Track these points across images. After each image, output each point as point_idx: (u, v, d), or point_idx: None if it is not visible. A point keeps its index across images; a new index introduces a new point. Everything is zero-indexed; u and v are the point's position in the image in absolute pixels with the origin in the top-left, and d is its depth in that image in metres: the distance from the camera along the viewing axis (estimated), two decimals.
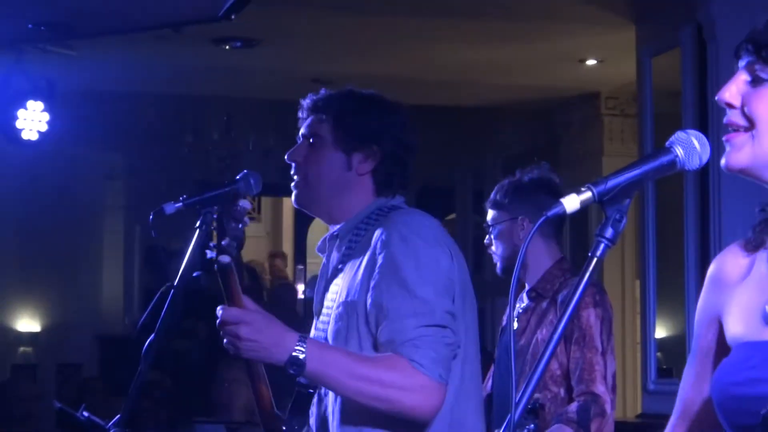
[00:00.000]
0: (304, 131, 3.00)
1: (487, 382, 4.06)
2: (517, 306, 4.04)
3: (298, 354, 2.65)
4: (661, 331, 7.65)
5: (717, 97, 1.96)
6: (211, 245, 2.72)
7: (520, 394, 1.80)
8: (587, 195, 1.83)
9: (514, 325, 3.98)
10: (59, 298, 11.67)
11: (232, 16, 7.11)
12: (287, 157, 3.00)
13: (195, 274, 2.70)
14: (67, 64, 8.39)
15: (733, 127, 1.95)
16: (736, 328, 1.97)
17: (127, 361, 3.54)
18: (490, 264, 4.15)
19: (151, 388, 8.74)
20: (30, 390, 10.60)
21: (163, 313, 2.80)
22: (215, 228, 2.73)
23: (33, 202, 11.09)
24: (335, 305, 2.86)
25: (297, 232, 14.57)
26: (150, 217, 2.78)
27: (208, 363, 9.42)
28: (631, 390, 9.15)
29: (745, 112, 1.94)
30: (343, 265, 2.91)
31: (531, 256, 3.99)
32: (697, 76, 6.70)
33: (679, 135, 1.89)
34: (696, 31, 6.69)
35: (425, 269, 2.74)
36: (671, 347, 7.65)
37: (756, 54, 1.93)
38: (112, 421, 2.83)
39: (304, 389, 2.85)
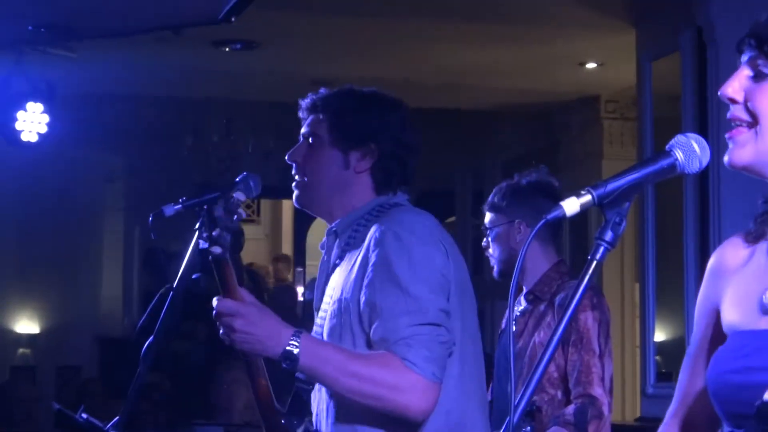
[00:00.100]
0: (303, 131, 3.00)
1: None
2: (515, 309, 4.04)
3: (292, 348, 2.65)
4: (660, 335, 7.65)
5: (720, 93, 1.96)
6: (204, 236, 2.70)
7: (518, 397, 1.80)
8: (587, 198, 1.83)
9: (513, 328, 3.98)
10: (59, 299, 11.67)
11: (232, 19, 7.12)
12: (287, 157, 3.00)
13: (194, 276, 2.70)
14: (67, 66, 8.38)
15: (736, 122, 1.95)
16: (733, 317, 1.97)
17: (126, 363, 3.54)
18: (489, 266, 4.14)
19: (150, 390, 8.74)
20: (29, 392, 10.60)
21: (162, 314, 2.81)
22: (206, 219, 2.70)
23: (33, 203, 11.09)
24: (331, 302, 2.86)
25: (296, 234, 14.56)
26: (149, 219, 2.78)
27: (208, 365, 9.42)
28: (630, 393, 9.14)
29: (749, 107, 1.94)
30: (341, 261, 2.90)
31: (528, 259, 3.98)
32: (697, 79, 6.70)
33: (679, 138, 1.90)
34: (696, 34, 6.70)
35: (419, 267, 2.73)
36: (670, 351, 7.65)
37: (759, 49, 1.93)
38: (111, 423, 2.83)
39: (303, 385, 2.84)
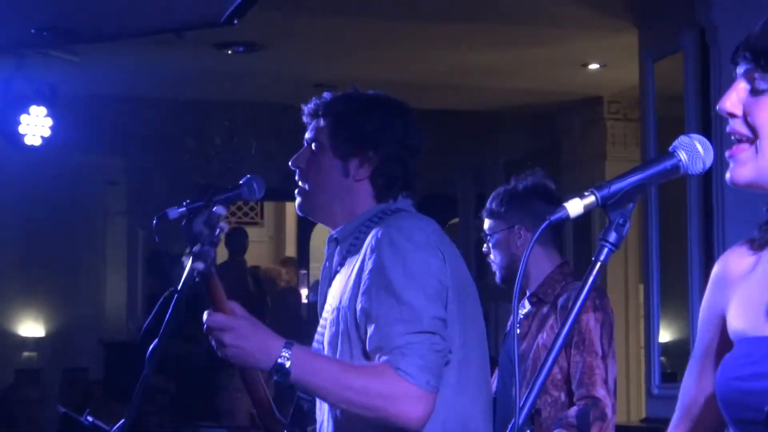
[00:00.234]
0: (307, 136, 2.99)
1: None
2: (519, 311, 4.03)
3: (283, 361, 2.62)
4: (665, 336, 7.64)
5: (718, 107, 1.95)
6: (189, 251, 2.68)
7: (522, 400, 1.80)
8: (591, 199, 1.83)
9: (516, 331, 3.97)
10: (63, 302, 11.68)
11: (235, 21, 7.11)
12: (291, 163, 2.99)
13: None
14: (69, 69, 8.39)
15: (736, 137, 1.94)
16: (739, 324, 1.97)
17: (131, 366, 3.54)
18: (492, 269, 4.14)
19: (155, 393, 8.74)
20: (34, 394, 10.60)
21: (166, 317, 2.81)
22: (186, 235, 2.68)
23: (36, 207, 11.10)
24: (331, 309, 2.85)
25: (300, 236, 14.56)
26: (153, 222, 2.78)
27: (212, 368, 9.41)
28: (635, 394, 9.14)
29: (749, 121, 1.92)
30: (341, 268, 2.89)
31: (531, 262, 3.97)
32: (700, 80, 6.70)
33: (683, 139, 1.89)
34: (698, 35, 6.69)
35: (414, 274, 2.70)
36: (675, 351, 7.64)
37: (754, 62, 1.91)
38: (116, 426, 2.83)
39: (305, 396, 2.82)
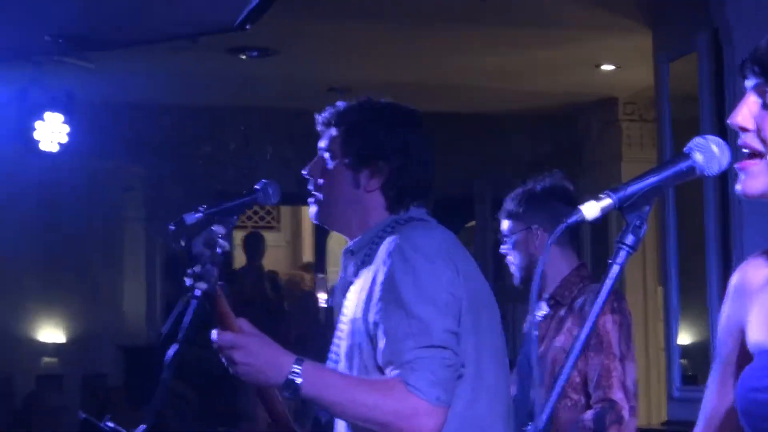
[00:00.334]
0: (320, 145, 2.99)
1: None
2: (537, 314, 4.02)
3: (293, 378, 2.62)
4: (684, 338, 7.61)
5: (729, 121, 1.94)
6: (189, 272, 2.67)
7: (542, 404, 1.79)
8: (607, 202, 1.83)
9: (535, 333, 3.96)
10: (82, 308, 11.69)
11: (248, 26, 7.13)
12: (305, 172, 2.99)
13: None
14: (84, 76, 8.42)
15: (748, 150, 1.94)
16: (758, 336, 1.96)
17: (150, 371, 3.55)
18: (510, 271, 4.13)
19: (174, 398, 8.75)
20: (56, 401, 10.63)
21: (185, 322, 2.81)
22: (186, 255, 2.68)
23: (54, 213, 11.12)
24: (346, 321, 2.84)
25: (317, 240, 14.56)
26: (170, 227, 2.79)
27: (232, 373, 9.41)
28: (655, 397, 9.12)
29: (761, 136, 1.92)
30: (356, 279, 2.88)
31: (548, 263, 3.95)
32: (715, 80, 6.68)
33: (698, 141, 1.89)
34: (713, 35, 6.68)
35: (424, 286, 2.68)
36: (695, 353, 7.61)
37: (763, 76, 1.91)
38: (136, 431, 2.84)
39: (322, 410, 2.82)
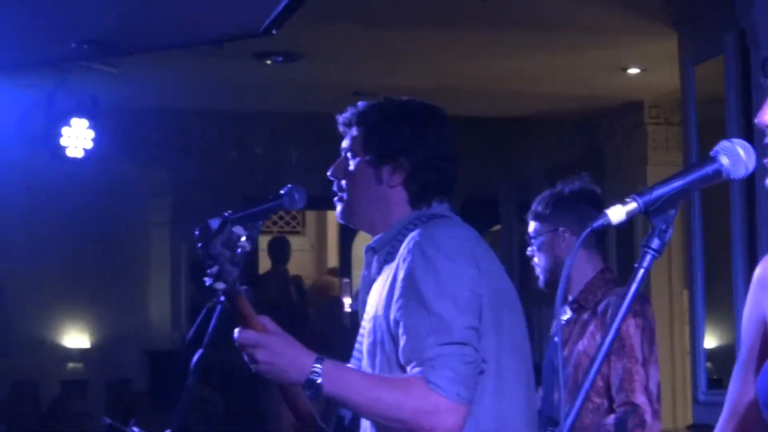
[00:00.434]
0: (342, 145, 3.00)
1: None
2: (561, 317, 4.02)
3: (314, 377, 2.64)
4: (710, 341, 7.58)
5: (756, 120, 1.95)
6: (208, 272, 2.67)
7: (566, 409, 1.79)
8: (633, 206, 1.83)
9: (559, 337, 3.96)
10: (107, 313, 11.73)
11: (273, 31, 7.14)
12: (329, 173, 3.01)
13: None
14: (110, 82, 8.45)
15: None
16: None
17: (175, 376, 3.56)
18: (535, 274, 4.13)
19: (199, 402, 8.77)
20: (81, 406, 10.66)
21: (210, 327, 2.82)
22: (204, 256, 2.66)
23: (80, 219, 11.16)
24: (369, 318, 2.85)
25: (342, 245, 14.57)
26: (195, 232, 2.79)
27: (257, 377, 9.43)
28: (681, 401, 9.08)
29: None
30: (378, 276, 2.89)
31: (574, 267, 3.95)
32: (741, 83, 6.66)
33: (724, 144, 1.88)
34: (739, 38, 6.65)
35: (445, 284, 2.69)
36: (721, 357, 7.58)
37: None
38: None
39: (346, 408, 2.81)
